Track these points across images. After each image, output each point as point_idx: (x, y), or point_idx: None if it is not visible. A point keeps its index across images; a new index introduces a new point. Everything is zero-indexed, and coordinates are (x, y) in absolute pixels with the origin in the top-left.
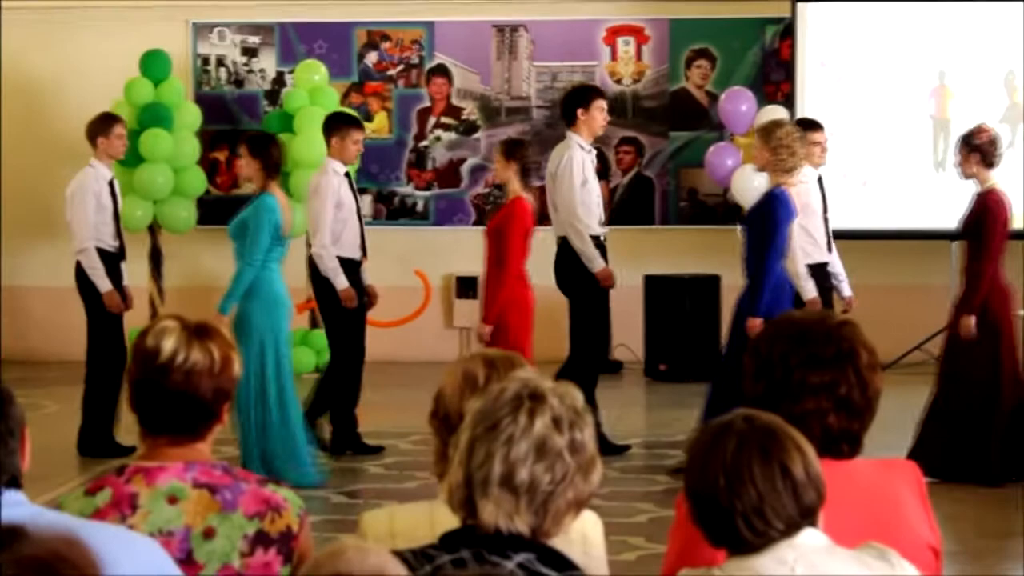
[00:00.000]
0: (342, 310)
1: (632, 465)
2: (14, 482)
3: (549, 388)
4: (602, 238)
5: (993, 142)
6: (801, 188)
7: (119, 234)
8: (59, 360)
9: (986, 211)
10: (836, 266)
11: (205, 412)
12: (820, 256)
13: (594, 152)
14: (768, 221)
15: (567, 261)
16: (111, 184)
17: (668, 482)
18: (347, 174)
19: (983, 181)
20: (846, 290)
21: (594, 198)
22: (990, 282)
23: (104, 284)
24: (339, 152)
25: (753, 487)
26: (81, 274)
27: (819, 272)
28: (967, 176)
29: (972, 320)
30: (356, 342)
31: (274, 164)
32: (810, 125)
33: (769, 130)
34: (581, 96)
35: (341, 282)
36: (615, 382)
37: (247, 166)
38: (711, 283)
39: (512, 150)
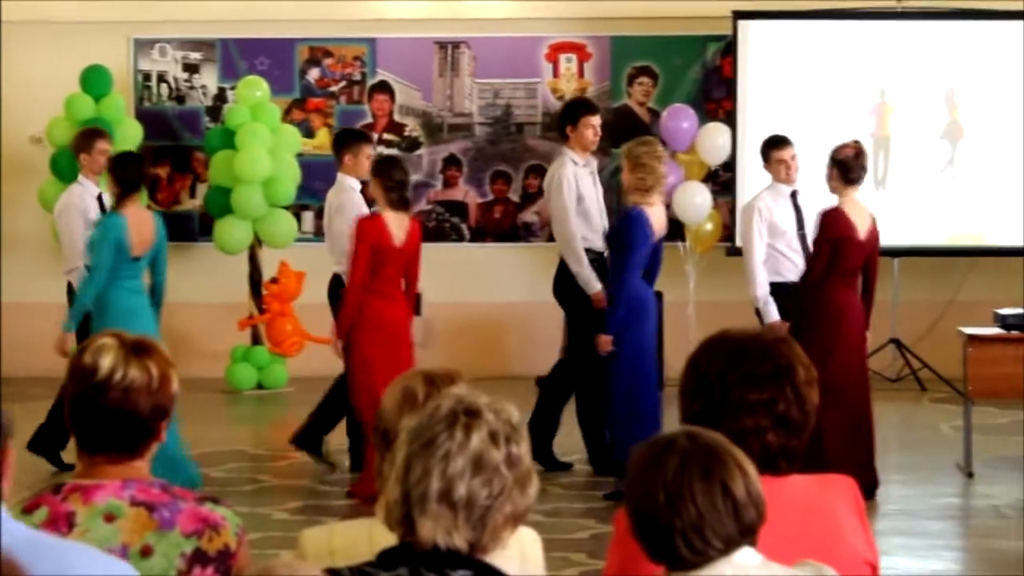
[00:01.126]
0: None
1: (575, 481)
2: None
3: (484, 403)
4: (605, 255)
5: (852, 158)
6: (764, 206)
7: None
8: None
9: (819, 227)
10: None
11: (143, 429)
12: (793, 275)
13: (593, 163)
14: (623, 241)
15: (563, 277)
16: (100, 200)
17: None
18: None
19: (841, 196)
20: None
21: (594, 213)
22: (810, 288)
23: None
24: (353, 168)
25: (693, 505)
26: (73, 293)
27: (785, 291)
28: (831, 191)
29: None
30: None
31: (129, 182)
32: (775, 142)
33: (631, 149)
34: (569, 114)
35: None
36: None
37: (109, 184)
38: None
39: (376, 167)
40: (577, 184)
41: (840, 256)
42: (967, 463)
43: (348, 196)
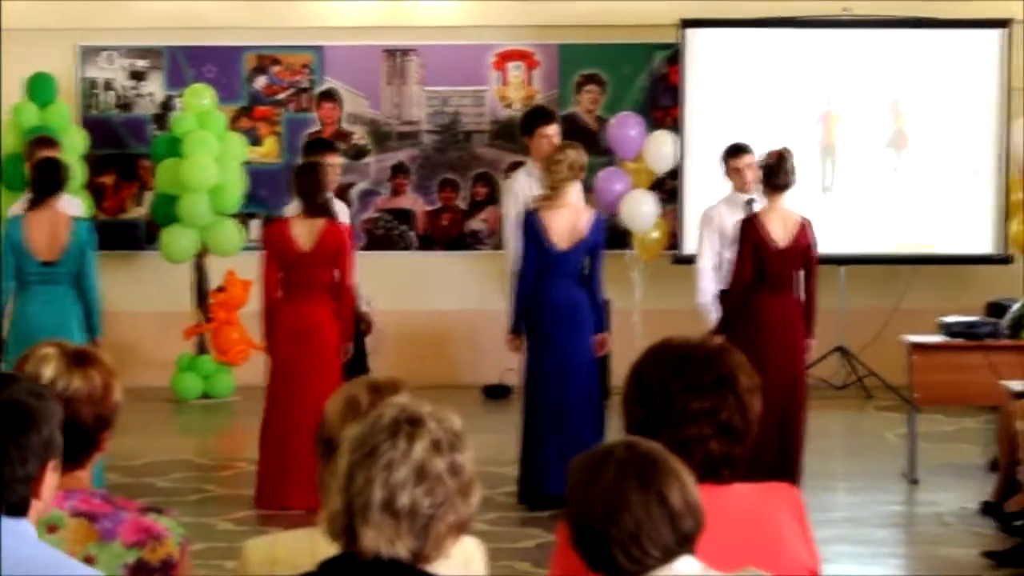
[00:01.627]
0: None
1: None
2: (17, 510)
3: (427, 412)
4: None
5: (775, 165)
6: (716, 214)
7: None
8: None
9: (739, 236)
10: None
11: (85, 440)
12: None
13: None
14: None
15: None
16: None
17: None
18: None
19: (768, 203)
20: None
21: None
22: (735, 297)
23: None
24: None
25: (630, 515)
26: None
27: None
28: (764, 196)
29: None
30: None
31: (41, 186)
32: (731, 151)
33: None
34: (525, 124)
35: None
36: (503, 406)
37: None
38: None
39: (293, 173)
40: (526, 195)
41: (760, 264)
42: (912, 471)
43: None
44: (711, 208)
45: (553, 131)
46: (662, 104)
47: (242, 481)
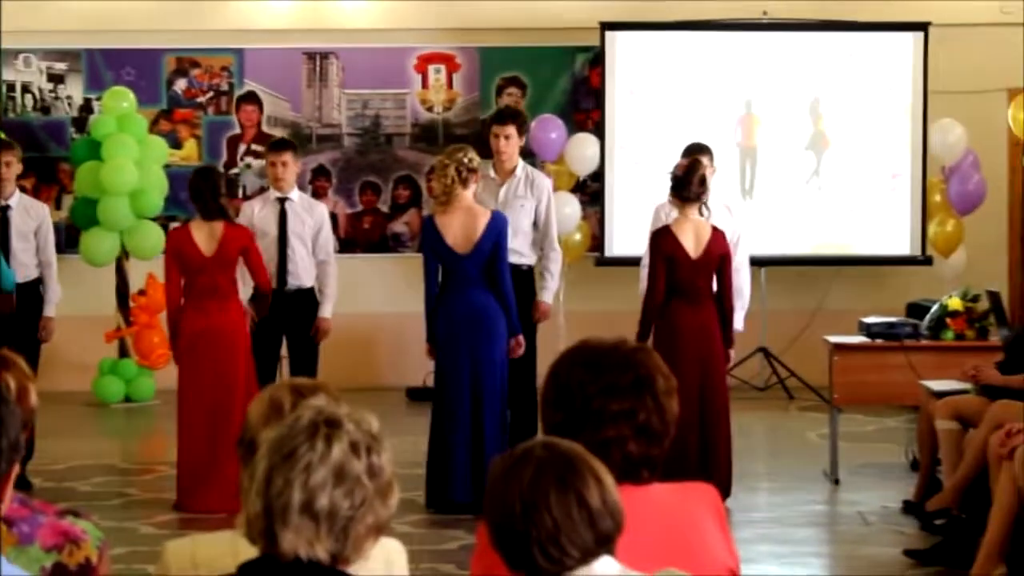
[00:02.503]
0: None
1: None
2: None
3: (345, 414)
4: (524, 267)
5: (683, 176)
6: (664, 214)
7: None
8: None
9: (649, 246)
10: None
11: None
12: None
13: (522, 174)
14: None
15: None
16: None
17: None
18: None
19: (678, 214)
20: (735, 321)
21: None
22: (651, 309)
23: None
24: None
25: (549, 515)
26: None
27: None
28: (671, 208)
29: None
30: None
31: None
32: (686, 151)
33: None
34: (485, 124)
35: None
36: (426, 409)
37: None
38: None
39: (190, 178)
40: (477, 193)
41: (672, 274)
42: (833, 470)
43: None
44: (661, 207)
45: (505, 131)
46: (583, 107)
47: (164, 485)
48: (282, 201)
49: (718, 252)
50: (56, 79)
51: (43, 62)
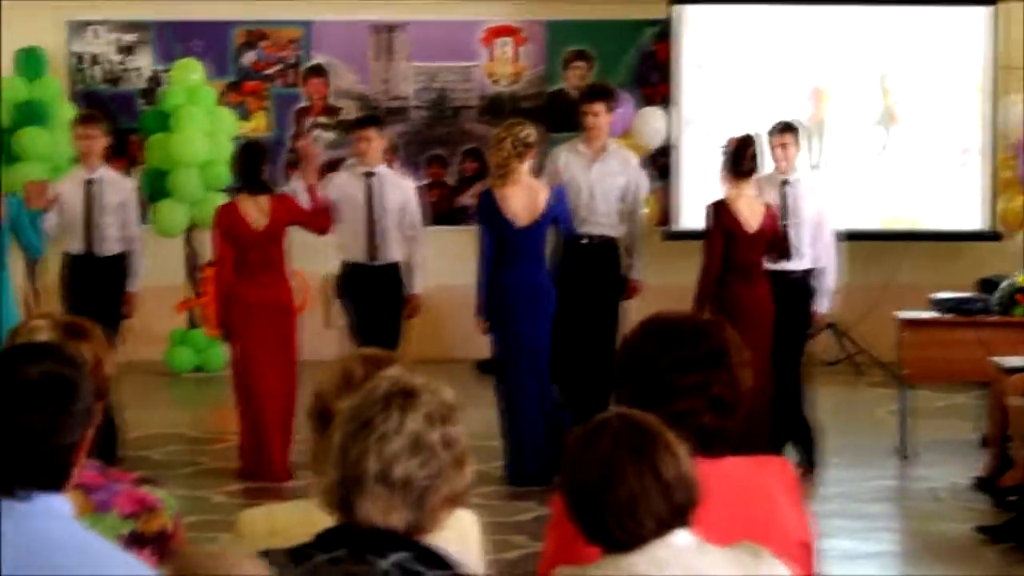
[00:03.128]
0: None
1: None
2: (54, 483)
3: (420, 384)
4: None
5: (737, 151)
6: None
7: None
8: None
9: (708, 219)
10: (820, 276)
11: None
12: (770, 264)
13: (611, 151)
14: None
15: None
16: (89, 183)
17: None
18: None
19: (730, 189)
20: (819, 304)
21: (584, 197)
22: (708, 283)
23: None
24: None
25: (624, 485)
26: None
27: (775, 280)
28: (721, 183)
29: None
30: None
31: None
32: (771, 129)
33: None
34: (578, 100)
35: None
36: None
37: None
38: None
39: (233, 154)
40: (563, 169)
41: (730, 250)
42: (903, 446)
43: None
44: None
45: (594, 108)
46: (651, 80)
47: (234, 454)
48: (369, 175)
49: (771, 227)
50: (126, 51)
51: (113, 34)
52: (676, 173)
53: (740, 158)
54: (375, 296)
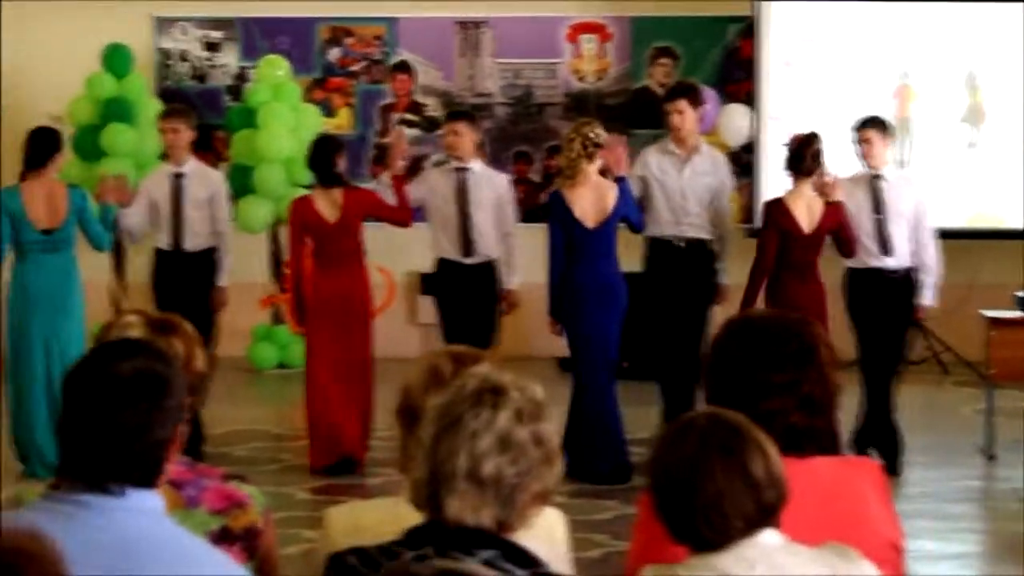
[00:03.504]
0: None
1: None
2: (147, 480)
3: (509, 381)
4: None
5: (798, 148)
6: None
7: None
8: None
9: (763, 217)
10: (922, 270)
11: None
12: (870, 261)
13: (702, 152)
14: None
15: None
16: (177, 177)
17: (633, 479)
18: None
19: (794, 187)
20: (923, 297)
21: (676, 200)
22: (757, 281)
23: None
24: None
25: (712, 484)
26: None
27: (866, 277)
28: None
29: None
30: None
31: (29, 158)
32: (857, 124)
33: None
34: (663, 98)
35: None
36: None
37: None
38: None
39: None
40: (654, 170)
41: (784, 249)
42: (989, 446)
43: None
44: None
45: (676, 106)
46: (735, 77)
47: None
48: (460, 171)
49: (828, 228)
50: (212, 47)
51: (199, 30)
52: (759, 171)
53: (800, 157)
54: (469, 293)
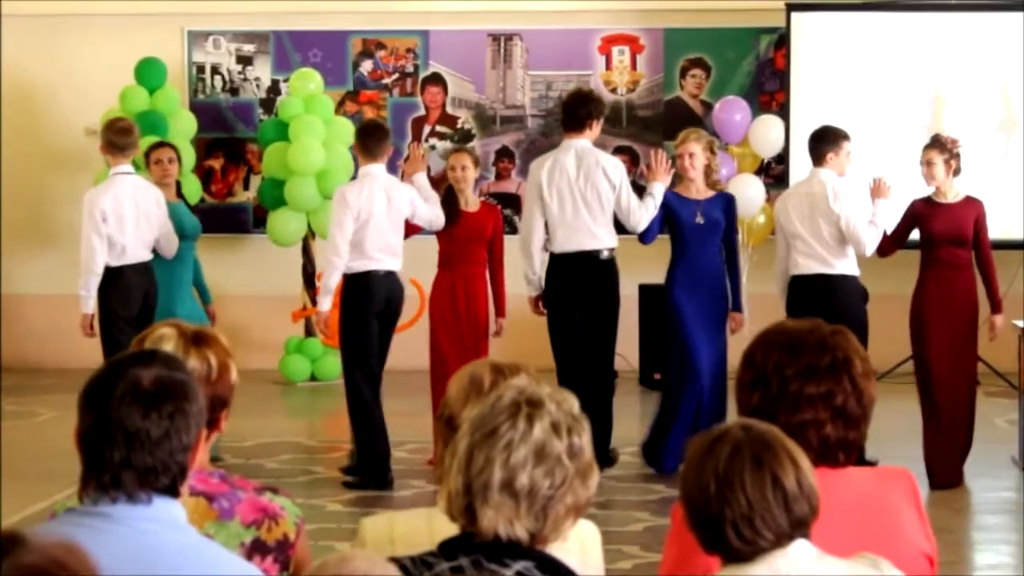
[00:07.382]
0: None
1: (627, 474)
2: (171, 488)
3: (546, 394)
4: None
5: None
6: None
7: None
8: (55, 368)
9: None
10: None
11: None
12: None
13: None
14: None
15: None
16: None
17: (663, 491)
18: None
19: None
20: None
21: None
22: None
23: None
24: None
25: (743, 495)
26: None
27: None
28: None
29: None
30: None
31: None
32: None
33: None
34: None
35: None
36: None
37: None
38: None
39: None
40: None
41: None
42: (1023, 457)
43: None
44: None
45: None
46: (768, 89)
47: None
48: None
49: None
50: (245, 61)
51: (232, 44)
52: (792, 181)
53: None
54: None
